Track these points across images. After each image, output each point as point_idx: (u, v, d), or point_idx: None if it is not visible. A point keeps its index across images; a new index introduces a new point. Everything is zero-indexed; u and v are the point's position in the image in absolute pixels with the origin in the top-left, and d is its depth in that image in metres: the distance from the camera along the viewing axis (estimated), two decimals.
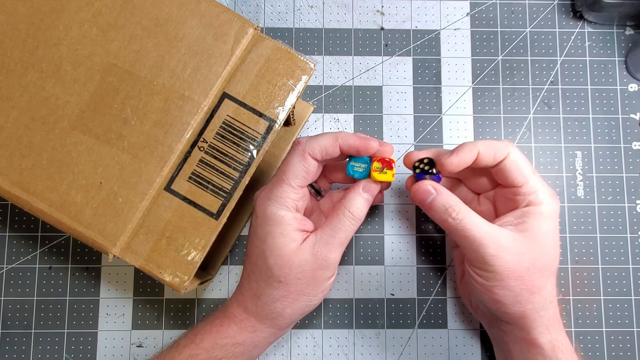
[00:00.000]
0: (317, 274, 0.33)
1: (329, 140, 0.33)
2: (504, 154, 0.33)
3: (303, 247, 0.33)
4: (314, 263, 0.33)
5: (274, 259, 0.33)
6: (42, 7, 0.33)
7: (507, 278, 0.31)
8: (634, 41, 0.45)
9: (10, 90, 0.33)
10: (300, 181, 0.33)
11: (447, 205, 0.32)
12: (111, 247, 0.31)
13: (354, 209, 0.33)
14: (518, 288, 0.32)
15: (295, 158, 0.33)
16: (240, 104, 0.33)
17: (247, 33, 0.33)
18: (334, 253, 0.33)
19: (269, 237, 0.33)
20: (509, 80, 0.45)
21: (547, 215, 0.33)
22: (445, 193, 0.33)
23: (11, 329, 0.41)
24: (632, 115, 0.44)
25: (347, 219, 0.33)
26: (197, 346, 0.34)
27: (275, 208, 0.33)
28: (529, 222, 0.32)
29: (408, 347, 0.42)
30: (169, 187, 0.32)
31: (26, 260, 0.42)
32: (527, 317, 0.33)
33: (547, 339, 0.33)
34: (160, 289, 0.42)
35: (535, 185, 0.33)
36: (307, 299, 0.34)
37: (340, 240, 0.33)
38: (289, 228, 0.33)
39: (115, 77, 0.33)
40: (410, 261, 0.43)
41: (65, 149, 0.32)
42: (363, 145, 0.33)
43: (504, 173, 0.33)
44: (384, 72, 0.45)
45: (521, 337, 0.34)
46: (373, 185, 0.34)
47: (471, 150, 0.32)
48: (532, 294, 0.32)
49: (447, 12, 0.45)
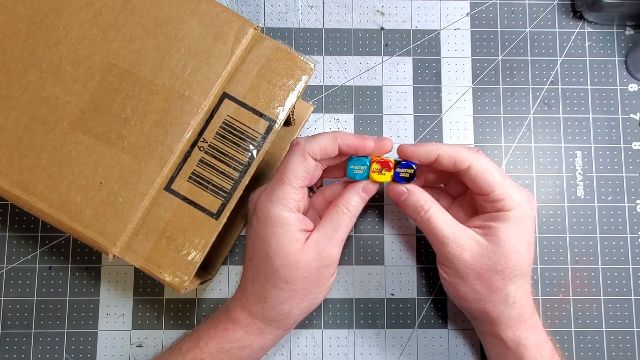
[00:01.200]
0: (323, 271, 0.34)
1: (328, 140, 0.33)
2: (464, 165, 0.33)
3: (307, 245, 0.33)
4: (319, 261, 0.33)
5: (280, 260, 0.33)
6: (42, 7, 0.33)
7: (466, 276, 0.33)
8: (634, 41, 0.45)
9: (10, 90, 0.33)
10: (301, 181, 0.33)
11: (417, 205, 0.35)
12: (111, 247, 0.31)
13: (352, 207, 0.34)
14: (477, 287, 0.34)
15: (295, 158, 0.33)
16: (240, 104, 0.33)
17: (247, 33, 0.33)
18: (337, 249, 0.34)
19: (273, 239, 0.33)
20: (509, 80, 0.45)
21: (516, 221, 0.33)
22: (416, 193, 0.35)
23: (11, 329, 0.41)
24: (632, 115, 0.44)
25: (346, 216, 0.34)
26: (202, 350, 0.34)
27: (278, 209, 0.33)
28: (492, 227, 0.33)
29: (408, 347, 0.42)
30: (169, 187, 0.32)
31: (26, 260, 0.42)
32: (488, 314, 0.34)
33: (510, 335, 0.34)
34: (160, 289, 0.42)
35: (504, 193, 0.33)
36: (313, 297, 0.35)
37: (342, 236, 0.34)
38: (293, 229, 0.33)
39: (115, 77, 0.33)
40: (410, 261, 0.43)
41: (65, 149, 0.32)
42: (361, 144, 0.34)
43: (469, 181, 0.34)
44: (384, 72, 0.45)
45: (487, 331, 0.36)
46: (372, 187, 0.35)
47: (429, 152, 0.34)
48: (492, 293, 0.34)
49: (447, 12, 0.45)
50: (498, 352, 0.36)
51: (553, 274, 0.42)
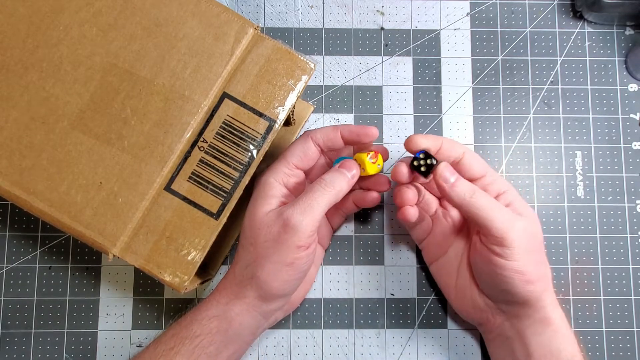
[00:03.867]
0: (283, 238, 0.32)
1: (331, 128, 0.36)
2: (462, 150, 0.36)
3: (274, 211, 0.33)
4: (282, 227, 0.32)
5: (249, 220, 0.34)
6: (42, 7, 0.33)
7: (525, 252, 0.33)
8: (634, 41, 0.45)
9: (10, 90, 0.33)
10: (296, 160, 0.35)
11: (467, 189, 0.34)
12: (111, 247, 0.31)
13: (327, 177, 0.34)
14: (539, 262, 0.34)
15: (298, 141, 0.36)
16: (240, 104, 0.33)
17: (247, 33, 0.33)
18: (299, 215, 0.32)
19: (252, 200, 0.35)
20: (509, 80, 0.45)
21: (520, 197, 0.36)
22: (462, 179, 0.35)
23: (11, 329, 0.41)
24: (632, 115, 0.44)
25: (317, 184, 0.34)
26: (179, 325, 0.34)
27: (265, 177, 0.35)
28: (516, 205, 0.35)
29: (408, 347, 0.42)
30: (169, 187, 0.32)
31: (26, 260, 0.42)
32: (547, 291, 0.35)
33: (558, 314, 0.35)
34: (160, 289, 0.42)
35: (494, 176, 0.36)
36: (275, 269, 0.33)
37: (308, 202, 0.33)
38: (270, 193, 0.34)
39: (115, 77, 0.33)
40: (410, 261, 0.43)
41: (65, 149, 0.32)
42: (363, 131, 0.35)
43: (467, 167, 0.36)
44: (384, 72, 0.45)
45: (538, 318, 0.35)
46: (351, 163, 0.35)
47: (436, 139, 0.35)
48: (546, 266, 0.35)
49: (447, 12, 0.46)
50: (541, 341, 0.35)
51: (553, 274, 0.42)
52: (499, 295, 0.36)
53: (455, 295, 0.39)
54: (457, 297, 0.39)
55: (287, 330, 0.42)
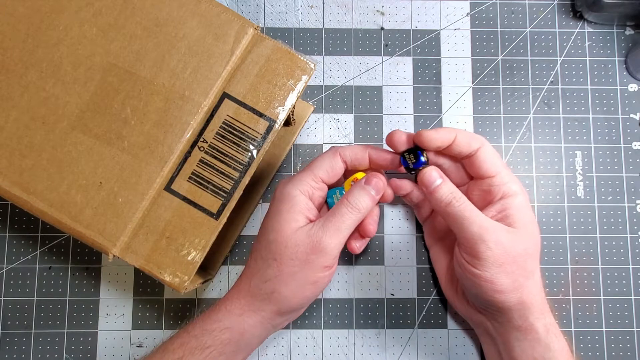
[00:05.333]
0: (310, 258, 0.33)
1: (360, 147, 0.36)
2: (478, 144, 0.35)
3: (302, 229, 0.33)
4: (308, 245, 0.33)
5: (274, 235, 0.34)
6: (42, 7, 0.33)
7: (504, 265, 0.33)
8: (634, 41, 0.45)
9: (10, 90, 0.33)
10: (322, 173, 0.35)
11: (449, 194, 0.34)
12: (111, 247, 0.31)
13: (352, 198, 0.34)
14: (516, 273, 0.33)
15: (326, 155, 0.36)
16: (240, 104, 0.33)
17: (247, 33, 0.33)
18: (329, 238, 0.33)
19: (276, 214, 0.34)
20: (509, 80, 0.45)
21: (524, 202, 0.35)
22: (449, 182, 0.35)
23: (11, 329, 0.41)
24: (632, 115, 0.44)
25: (344, 207, 0.34)
26: (189, 334, 0.34)
27: (291, 188, 0.34)
28: (511, 213, 0.34)
29: (408, 347, 0.42)
30: (169, 187, 0.32)
31: (26, 260, 0.42)
32: (524, 303, 0.34)
33: (542, 323, 0.34)
34: (160, 289, 0.42)
35: (507, 177, 0.35)
36: (299, 286, 0.33)
37: (336, 225, 0.33)
38: (296, 208, 0.34)
39: (115, 77, 0.33)
40: (410, 261, 0.43)
41: (65, 149, 0.32)
42: (396, 160, 0.36)
43: (478, 163, 0.35)
44: (384, 72, 0.45)
45: (517, 326, 0.35)
46: (374, 179, 0.35)
47: (449, 132, 0.34)
48: (527, 278, 0.34)
49: (447, 12, 0.45)
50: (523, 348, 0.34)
51: (553, 274, 0.42)
52: (474, 298, 0.36)
53: (446, 284, 0.40)
54: (448, 288, 0.40)
55: (287, 331, 0.42)
